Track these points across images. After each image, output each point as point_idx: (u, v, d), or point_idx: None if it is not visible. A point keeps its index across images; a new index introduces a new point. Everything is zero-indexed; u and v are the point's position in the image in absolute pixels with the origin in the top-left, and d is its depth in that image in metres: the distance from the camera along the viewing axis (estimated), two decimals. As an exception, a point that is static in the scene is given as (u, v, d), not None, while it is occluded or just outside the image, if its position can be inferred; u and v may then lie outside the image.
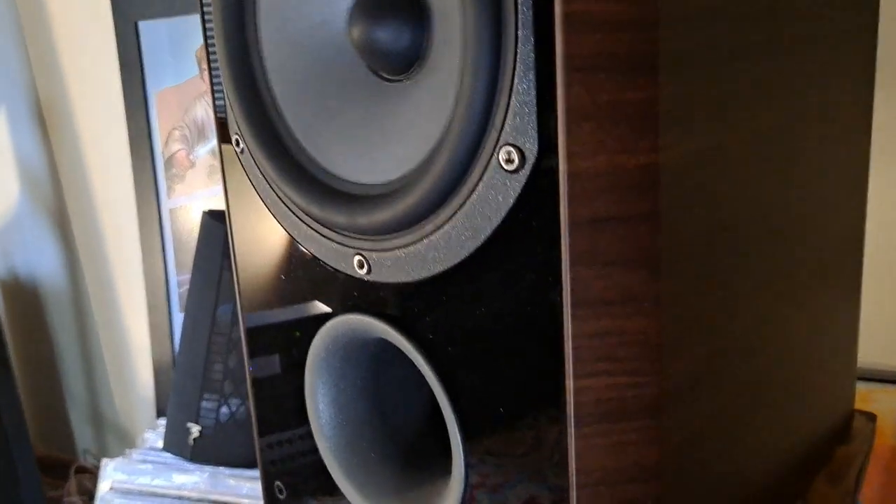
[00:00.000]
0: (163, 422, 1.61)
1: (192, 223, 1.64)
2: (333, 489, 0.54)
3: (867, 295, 0.99)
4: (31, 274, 2.03)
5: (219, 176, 0.56)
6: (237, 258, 0.57)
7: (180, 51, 1.55)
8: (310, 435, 0.55)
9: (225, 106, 0.53)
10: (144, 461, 1.61)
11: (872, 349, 1.12)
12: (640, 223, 0.37)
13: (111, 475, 1.58)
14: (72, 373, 2.09)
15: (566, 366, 0.38)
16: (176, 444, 1.59)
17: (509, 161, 0.37)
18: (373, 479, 0.53)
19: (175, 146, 1.65)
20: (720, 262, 0.43)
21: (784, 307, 0.53)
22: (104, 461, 1.55)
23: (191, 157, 1.59)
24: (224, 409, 1.57)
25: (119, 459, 1.57)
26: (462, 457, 0.45)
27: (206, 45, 0.52)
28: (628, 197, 0.36)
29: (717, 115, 0.42)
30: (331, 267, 0.49)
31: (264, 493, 0.61)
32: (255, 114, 0.49)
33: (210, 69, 0.54)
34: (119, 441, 2.04)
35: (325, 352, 0.52)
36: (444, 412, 0.45)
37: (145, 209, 1.68)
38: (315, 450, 0.55)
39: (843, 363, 0.66)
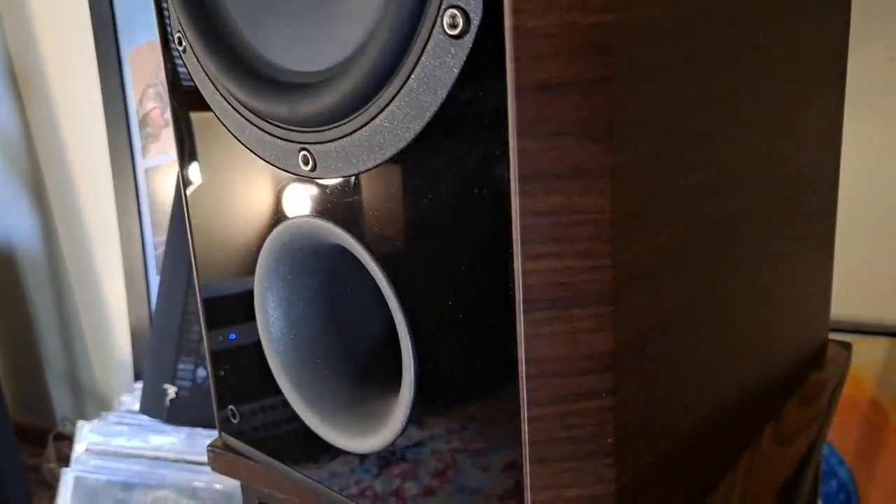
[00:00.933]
0: (140, 385, 1.59)
1: (167, 183, 1.61)
2: (287, 408, 0.52)
3: (846, 250, 0.98)
4: (5, 239, 2.00)
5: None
6: (185, 175, 0.54)
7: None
8: (262, 354, 0.53)
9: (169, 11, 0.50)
10: (120, 423, 1.60)
11: (851, 301, 1.11)
12: (593, 89, 0.34)
13: (87, 437, 1.56)
14: (49, 339, 2.06)
15: (514, 247, 0.36)
16: (152, 406, 1.57)
17: (453, 25, 0.35)
18: (326, 394, 0.51)
19: (150, 104, 1.61)
20: (686, 142, 0.40)
21: (758, 224, 0.51)
22: (80, 423, 1.53)
23: (166, 115, 1.55)
24: (201, 371, 1.55)
25: (95, 422, 1.56)
26: (412, 354, 0.42)
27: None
28: (580, 60, 0.34)
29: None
30: (276, 166, 0.47)
31: (218, 419, 0.59)
32: (195, 7, 0.46)
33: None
34: (98, 407, 2.02)
35: (274, 261, 0.50)
36: (392, 311, 0.43)
37: (120, 169, 1.64)
38: (268, 370, 0.52)
39: (817, 292, 0.64)
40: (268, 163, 0.47)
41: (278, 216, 0.48)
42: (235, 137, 0.49)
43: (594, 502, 0.39)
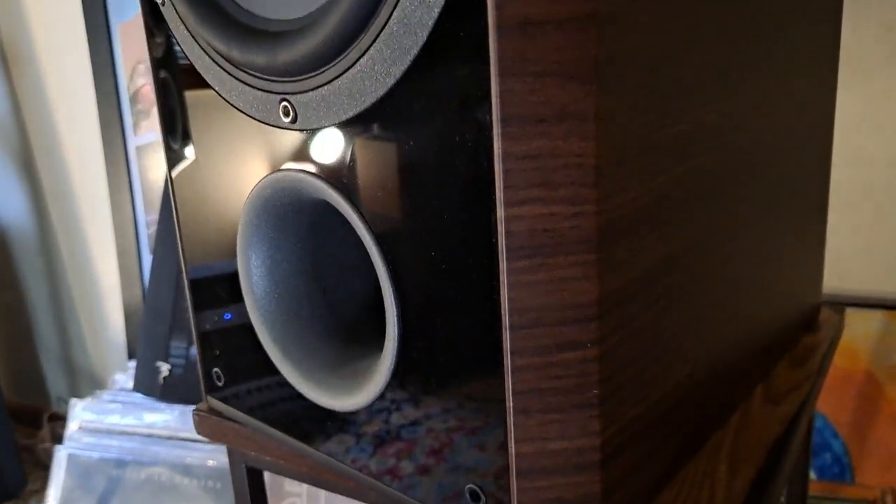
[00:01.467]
0: (134, 364, 1.58)
1: (159, 161, 1.59)
2: (271, 370, 0.51)
3: (842, 223, 0.97)
4: (-2, 219, 1.99)
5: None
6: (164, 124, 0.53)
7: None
8: (246, 316, 0.52)
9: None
10: (114, 401, 1.59)
11: (846, 274, 1.10)
12: (579, 28, 0.33)
13: (80, 415, 1.56)
14: (43, 319, 2.05)
15: (496, 192, 0.35)
16: (146, 384, 1.57)
17: (433, -37, 0.34)
18: (310, 354, 0.50)
19: (140, 80, 1.59)
20: (675, 88, 0.39)
21: (749, 180, 0.50)
22: (73, 401, 1.52)
23: (157, 91, 1.54)
24: (194, 349, 1.54)
25: (88, 400, 1.55)
26: (395, 307, 0.41)
27: None
28: (564, -3, 0.33)
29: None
30: (257, 119, 0.46)
31: (203, 382, 0.58)
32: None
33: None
34: (93, 387, 2.01)
35: (256, 218, 0.49)
36: (374, 263, 0.42)
37: (111, 147, 1.63)
38: (253, 331, 0.52)
39: (810, 255, 0.64)
40: (249, 116, 0.46)
41: (260, 171, 0.47)
42: (216, 92, 0.48)
43: (579, 455, 0.39)
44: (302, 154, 0.44)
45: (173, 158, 0.54)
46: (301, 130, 0.43)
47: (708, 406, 0.51)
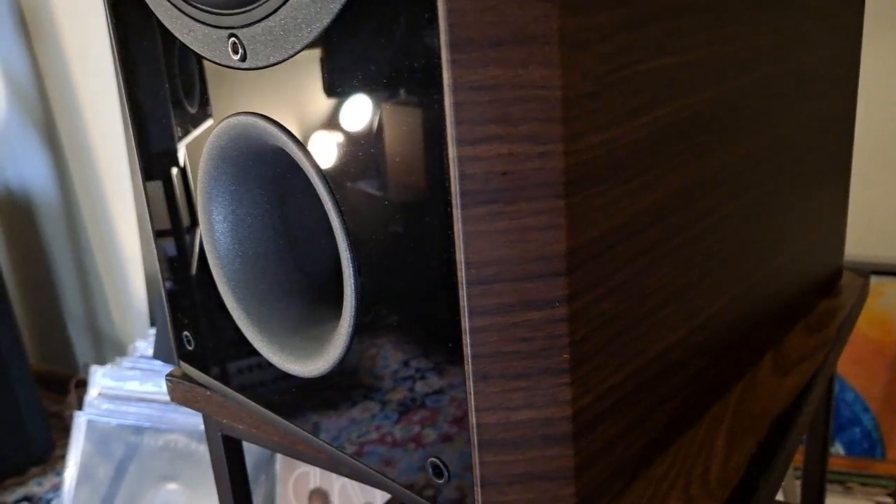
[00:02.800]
0: (155, 331, 1.57)
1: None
2: (238, 333, 0.48)
3: (870, 187, 0.91)
4: (22, 186, 1.99)
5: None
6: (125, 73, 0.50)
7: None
8: (211, 276, 0.48)
9: None
10: (134, 368, 1.59)
11: (881, 242, 1.04)
12: (535, -64, 0.28)
13: (100, 382, 1.56)
14: (68, 287, 2.06)
15: (447, 129, 0.31)
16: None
17: None
18: (275, 316, 0.47)
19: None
20: (662, 13, 0.35)
21: (756, 126, 0.45)
22: (93, 368, 1.52)
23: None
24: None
25: (108, 367, 1.55)
26: (350, 264, 0.38)
27: None
28: None
29: None
30: (208, 59, 0.42)
31: (175, 345, 0.55)
32: None
33: None
34: (118, 354, 2.02)
35: (214, 169, 0.45)
36: (328, 214, 0.38)
37: (130, 112, 1.61)
38: (218, 291, 0.48)
39: (831, 214, 0.58)
40: (200, 56, 0.42)
41: (214, 116, 0.44)
42: (168, 29, 0.44)
43: (548, 425, 0.35)
44: (255, 96, 0.40)
45: (135, 110, 0.50)
46: (251, 69, 0.40)
47: (708, 373, 0.46)
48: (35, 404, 1.84)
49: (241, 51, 0.39)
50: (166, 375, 0.56)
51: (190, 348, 0.54)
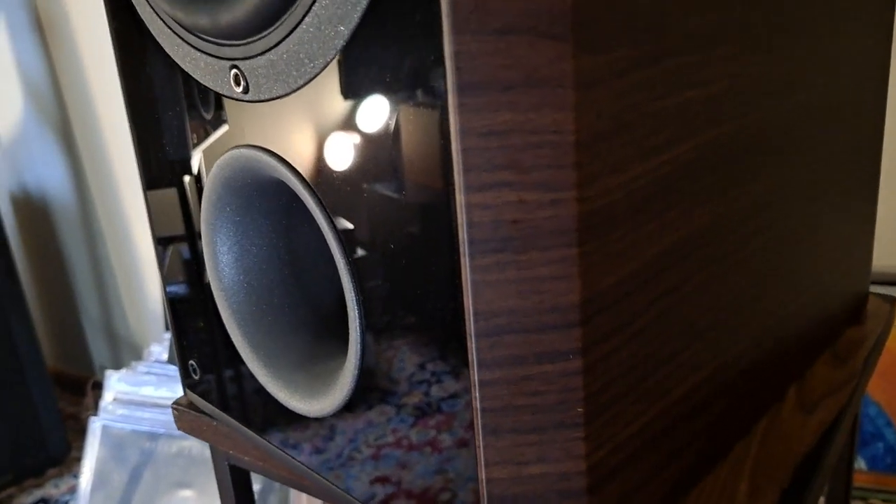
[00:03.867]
0: (169, 335, 1.57)
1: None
2: (245, 368, 0.47)
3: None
4: (39, 189, 2.00)
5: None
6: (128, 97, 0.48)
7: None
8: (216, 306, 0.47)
9: None
10: (148, 373, 1.58)
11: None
12: (548, -26, 0.27)
13: (114, 386, 1.56)
14: (85, 290, 2.06)
15: (455, 176, 0.29)
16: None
17: None
18: (281, 350, 0.45)
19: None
20: (680, 46, 0.33)
21: (779, 155, 0.43)
22: (108, 373, 1.52)
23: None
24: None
25: (123, 371, 1.55)
26: (356, 307, 0.36)
27: None
28: (530, -65, 0.26)
29: None
30: (211, 89, 0.40)
31: (181, 374, 0.54)
32: None
33: None
34: (134, 356, 2.02)
35: (218, 200, 0.44)
36: (333, 253, 0.36)
37: (145, 117, 1.60)
38: (223, 323, 0.47)
39: (857, 239, 0.56)
40: (204, 85, 0.41)
41: (218, 148, 0.42)
42: (172, 58, 0.42)
43: (561, 481, 0.33)
44: (258, 126, 0.39)
45: (141, 133, 0.49)
46: (253, 101, 0.38)
47: (729, 414, 0.44)
48: (52, 406, 1.84)
49: (243, 83, 0.38)
50: (172, 404, 0.55)
51: (196, 377, 0.52)
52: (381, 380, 0.37)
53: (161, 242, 0.51)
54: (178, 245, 0.50)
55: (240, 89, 0.38)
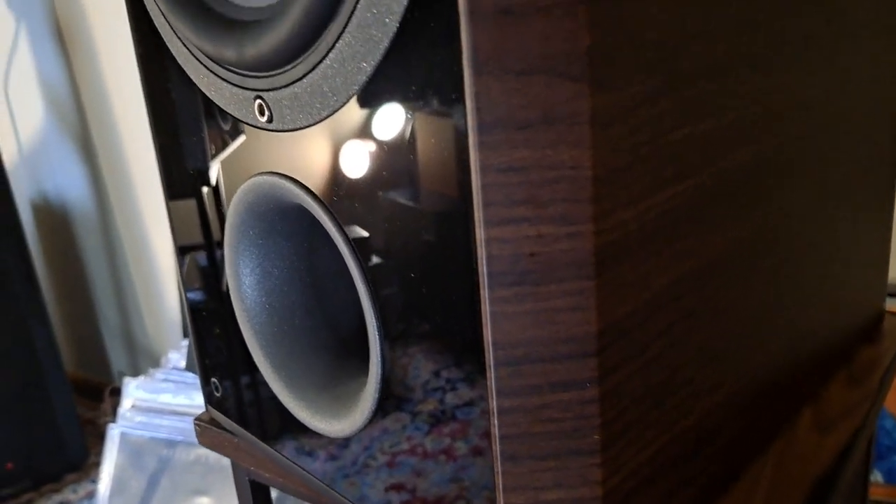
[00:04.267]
0: (187, 342, 1.58)
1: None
2: (266, 386, 0.48)
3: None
4: (59, 197, 2.02)
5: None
6: (153, 118, 0.49)
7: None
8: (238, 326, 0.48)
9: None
10: (166, 380, 1.60)
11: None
12: (567, 13, 0.28)
13: (133, 393, 1.57)
14: (103, 296, 2.08)
15: (474, 211, 0.30)
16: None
17: (398, -58, 0.29)
18: (302, 371, 0.46)
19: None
20: (691, 79, 0.33)
21: (790, 178, 0.43)
22: (126, 380, 1.53)
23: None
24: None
25: (141, 378, 1.56)
26: (376, 333, 0.37)
27: None
28: (548, -21, 0.27)
29: None
30: (236, 118, 0.41)
31: (203, 391, 0.55)
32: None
33: None
34: (151, 363, 2.04)
35: (241, 223, 0.45)
36: (356, 282, 0.37)
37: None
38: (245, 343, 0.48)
39: (872, 255, 0.56)
40: (228, 114, 0.42)
41: (242, 173, 0.43)
42: (197, 85, 0.44)
43: (578, 507, 0.34)
44: (280, 155, 0.40)
45: (165, 153, 0.50)
46: (277, 131, 0.39)
47: (743, 436, 0.45)
48: (71, 411, 1.86)
49: (267, 113, 0.39)
50: (194, 419, 0.56)
51: (218, 395, 0.53)
52: (400, 408, 0.38)
53: (182, 252, 0.52)
54: (200, 260, 0.51)
55: (264, 119, 0.39)
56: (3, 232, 1.66)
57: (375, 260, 0.36)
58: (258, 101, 0.39)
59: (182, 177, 0.48)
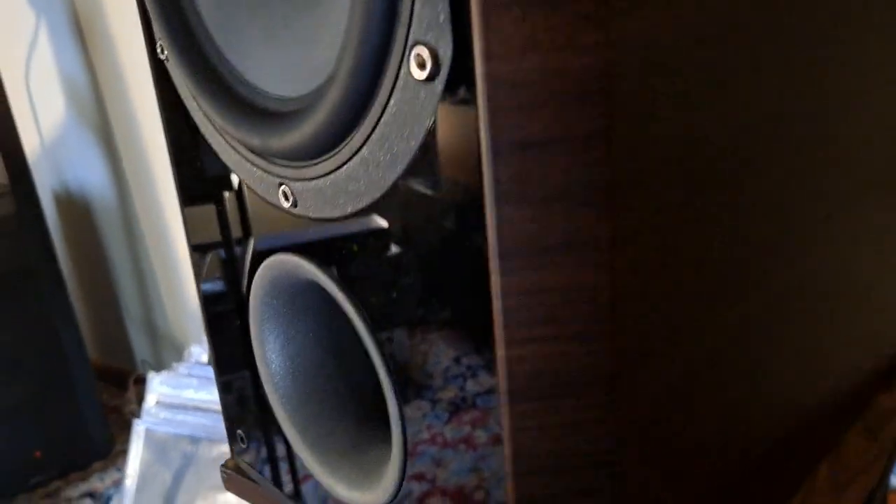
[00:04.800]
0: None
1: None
2: (289, 444, 0.49)
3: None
4: (80, 189, 2.04)
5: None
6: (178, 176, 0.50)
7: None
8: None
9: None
10: (190, 375, 1.61)
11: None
12: (586, 146, 0.28)
13: (157, 389, 1.59)
14: (126, 286, 2.11)
15: (495, 331, 0.30)
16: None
17: (421, 66, 0.29)
18: (326, 436, 0.47)
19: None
20: (701, 190, 0.34)
21: (800, 232, 0.44)
22: (150, 375, 1.56)
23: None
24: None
25: (165, 373, 1.58)
26: (399, 425, 0.38)
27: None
28: (569, 111, 0.27)
29: None
30: (260, 196, 0.42)
31: (229, 440, 0.56)
32: (170, 14, 0.41)
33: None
34: (174, 351, 2.07)
35: (265, 295, 0.46)
36: (378, 374, 0.38)
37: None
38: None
39: (888, 299, 0.56)
40: (253, 192, 0.43)
41: (267, 249, 0.44)
42: (223, 161, 0.44)
43: None
44: (302, 235, 0.41)
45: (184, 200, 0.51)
46: (301, 217, 0.40)
47: (762, 495, 0.45)
48: (96, 400, 1.88)
49: (291, 199, 0.40)
50: (221, 466, 0.57)
51: (244, 446, 0.55)
52: (422, 493, 0.39)
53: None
54: (227, 330, 0.52)
55: (288, 204, 0.40)
56: (27, 223, 1.67)
57: (401, 361, 0.37)
58: (283, 187, 0.40)
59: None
